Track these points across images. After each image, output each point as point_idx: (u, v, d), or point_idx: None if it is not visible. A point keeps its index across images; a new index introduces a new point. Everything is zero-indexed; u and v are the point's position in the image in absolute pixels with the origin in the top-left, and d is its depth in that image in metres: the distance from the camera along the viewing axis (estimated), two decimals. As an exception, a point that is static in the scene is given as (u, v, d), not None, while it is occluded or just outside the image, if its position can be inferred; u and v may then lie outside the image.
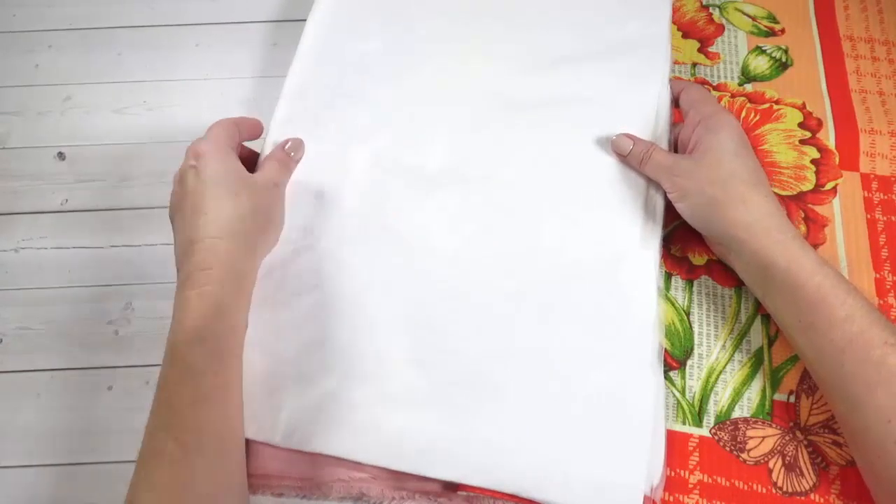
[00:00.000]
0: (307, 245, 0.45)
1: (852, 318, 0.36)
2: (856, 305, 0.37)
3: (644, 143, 0.45)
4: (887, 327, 0.36)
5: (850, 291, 0.37)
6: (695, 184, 0.41)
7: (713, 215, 0.41)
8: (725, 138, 0.42)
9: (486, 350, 0.42)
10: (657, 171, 0.44)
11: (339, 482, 0.41)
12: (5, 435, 0.45)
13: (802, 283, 0.38)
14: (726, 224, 0.40)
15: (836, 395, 0.37)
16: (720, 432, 0.41)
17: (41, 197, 0.52)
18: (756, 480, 0.40)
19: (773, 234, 0.39)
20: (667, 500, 0.39)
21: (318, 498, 0.42)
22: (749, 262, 0.40)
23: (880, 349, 0.35)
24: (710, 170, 0.41)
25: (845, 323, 0.36)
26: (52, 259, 0.50)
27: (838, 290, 0.37)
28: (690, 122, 0.44)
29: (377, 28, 0.52)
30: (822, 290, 0.37)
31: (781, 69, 0.52)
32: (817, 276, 0.37)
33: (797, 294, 0.38)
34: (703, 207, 0.41)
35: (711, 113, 0.43)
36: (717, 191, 0.40)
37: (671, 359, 0.43)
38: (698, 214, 0.42)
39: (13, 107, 0.55)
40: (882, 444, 0.35)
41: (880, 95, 0.51)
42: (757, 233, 0.39)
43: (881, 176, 0.48)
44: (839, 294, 0.37)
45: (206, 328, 0.36)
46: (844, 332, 0.36)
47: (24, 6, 0.59)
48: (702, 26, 0.55)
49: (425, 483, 0.41)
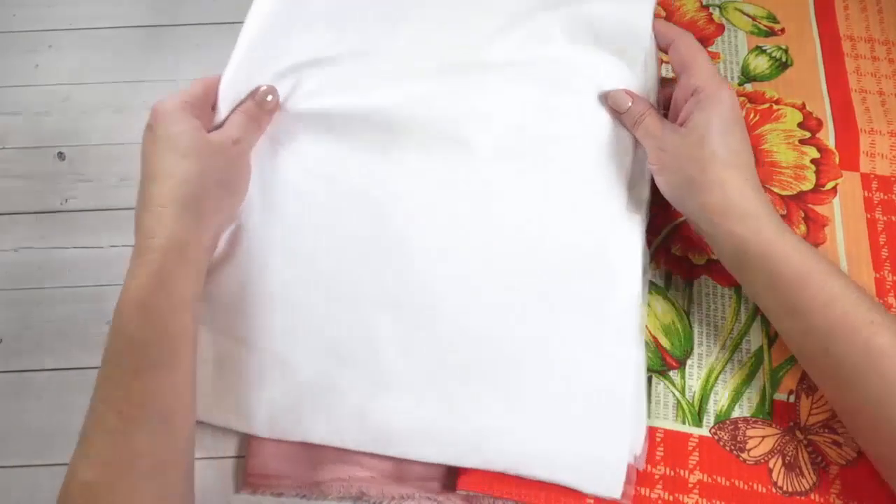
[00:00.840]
0: (275, 217, 0.43)
1: (835, 300, 0.36)
2: (837, 286, 0.36)
3: (642, 102, 0.43)
4: (872, 306, 0.36)
5: (831, 272, 0.36)
6: (675, 160, 0.40)
7: (688, 195, 0.40)
8: (715, 117, 0.39)
9: (470, 332, 0.41)
10: (645, 137, 0.42)
11: (339, 482, 0.41)
12: (6, 435, 0.45)
13: (781, 268, 0.37)
14: (700, 206, 0.39)
15: (824, 378, 0.37)
16: (720, 432, 0.41)
17: (41, 197, 0.52)
18: (756, 480, 0.40)
19: (749, 220, 0.38)
20: (667, 499, 0.39)
21: (318, 498, 0.42)
22: (724, 247, 0.39)
23: (866, 330, 0.35)
24: (692, 148, 0.39)
25: (828, 306, 0.36)
26: (52, 259, 0.50)
27: (819, 273, 0.36)
28: (683, 89, 0.41)
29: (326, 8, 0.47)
30: (802, 274, 0.36)
31: (781, 69, 0.52)
32: (795, 259, 0.37)
33: (776, 279, 0.37)
34: (679, 186, 0.40)
35: (705, 84, 0.40)
36: (694, 171, 0.39)
37: (671, 359, 0.43)
38: (674, 192, 0.41)
39: (13, 107, 0.55)
40: (875, 424, 0.35)
41: (880, 95, 0.51)
42: (731, 217, 0.38)
43: (881, 176, 0.48)
44: (820, 276, 0.36)
45: (149, 299, 0.35)
46: (827, 315, 0.36)
47: (24, 6, 0.59)
48: (702, 26, 0.55)
49: (425, 483, 0.41)
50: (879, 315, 0.35)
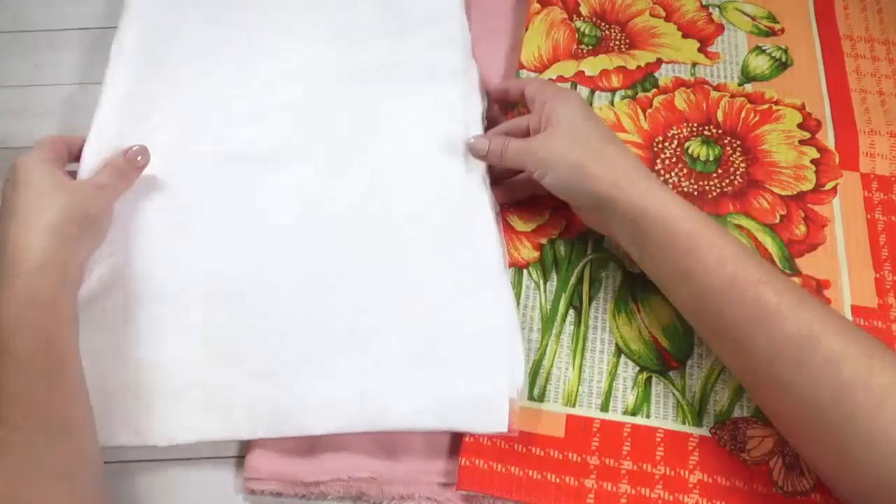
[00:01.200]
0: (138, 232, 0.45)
1: (725, 261, 0.36)
2: (727, 247, 0.37)
3: (498, 138, 0.45)
4: (760, 265, 0.37)
5: (721, 234, 0.37)
6: (555, 153, 0.41)
7: (578, 179, 0.40)
8: (573, 108, 0.42)
9: (341, 307, 0.43)
10: (518, 157, 0.43)
11: (339, 482, 0.41)
12: (5, 435, 0.45)
13: (675, 230, 0.38)
14: (592, 184, 0.39)
15: (720, 341, 0.38)
16: (720, 432, 0.41)
17: (41, 197, 0.52)
18: (756, 480, 0.40)
19: (640, 184, 0.39)
20: (667, 499, 0.39)
21: (318, 498, 0.42)
22: (622, 218, 0.39)
23: (754, 289, 0.36)
24: (566, 137, 0.41)
25: (719, 266, 0.36)
26: (52, 259, 0.50)
27: (709, 234, 0.37)
28: (538, 108, 0.44)
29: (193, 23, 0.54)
30: (694, 236, 0.37)
31: (781, 69, 0.52)
32: (688, 221, 0.37)
33: (671, 242, 0.38)
34: (568, 173, 0.40)
35: (554, 93, 0.44)
36: (576, 154, 0.40)
37: (671, 359, 0.43)
38: (565, 183, 0.41)
39: (13, 107, 0.55)
40: (767, 386, 0.36)
41: (880, 95, 0.51)
42: (624, 186, 0.39)
43: (881, 176, 0.48)
44: (710, 237, 0.37)
45: (29, 315, 0.35)
46: (720, 275, 0.36)
47: (24, 6, 0.59)
48: (702, 26, 0.55)
49: (425, 483, 0.41)
50: (766, 274, 0.36)
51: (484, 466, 0.40)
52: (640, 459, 0.40)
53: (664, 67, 0.53)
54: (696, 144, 0.49)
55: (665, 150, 0.49)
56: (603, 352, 0.44)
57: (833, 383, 0.33)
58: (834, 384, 0.33)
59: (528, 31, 0.54)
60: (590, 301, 0.45)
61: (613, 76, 0.52)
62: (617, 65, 0.53)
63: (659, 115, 0.50)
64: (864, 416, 0.33)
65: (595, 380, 0.43)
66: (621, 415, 0.42)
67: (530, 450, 0.41)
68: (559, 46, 0.54)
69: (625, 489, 0.40)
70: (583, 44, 0.54)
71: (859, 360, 0.33)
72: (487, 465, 0.41)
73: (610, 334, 0.44)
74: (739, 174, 0.48)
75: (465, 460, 0.41)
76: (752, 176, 0.48)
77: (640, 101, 0.51)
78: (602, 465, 0.40)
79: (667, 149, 0.49)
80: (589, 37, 0.54)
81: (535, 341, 0.44)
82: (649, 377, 0.43)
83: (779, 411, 0.37)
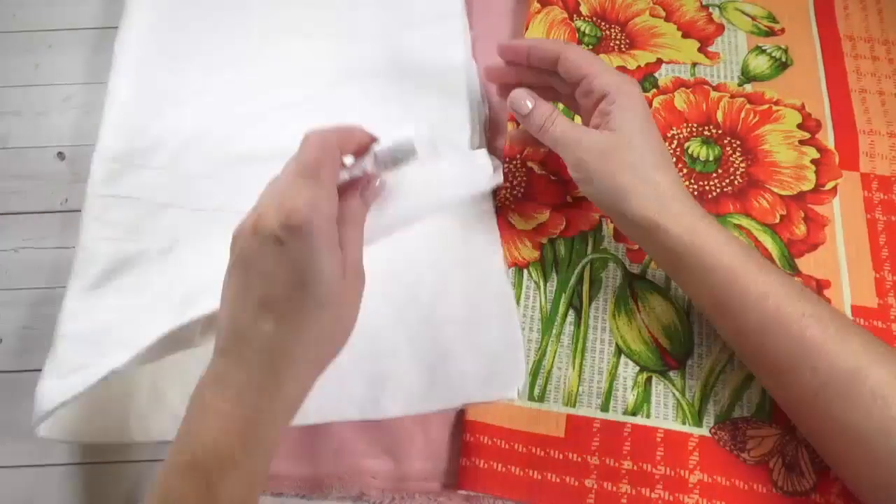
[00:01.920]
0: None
1: (767, 296, 0.36)
2: (769, 281, 0.36)
3: (546, 104, 0.40)
4: (803, 297, 0.36)
5: (762, 267, 0.37)
6: (602, 168, 0.38)
7: (621, 202, 0.38)
8: (635, 116, 0.38)
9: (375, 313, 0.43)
10: (561, 144, 0.39)
11: (339, 482, 0.41)
12: (5, 435, 0.45)
13: (713, 264, 0.37)
14: (634, 212, 0.37)
15: (762, 372, 0.38)
16: (720, 432, 0.41)
17: (41, 197, 0.52)
18: (756, 480, 0.40)
19: (682, 218, 0.37)
20: (667, 499, 0.39)
21: (318, 498, 0.42)
22: (658, 249, 0.38)
23: (798, 324, 0.35)
24: (620, 153, 0.38)
25: (760, 301, 0.36)
26: (52, 259, 0.50)
27: (750, 267, 0.36)
28: (588, 94, 0.39)
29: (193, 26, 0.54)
30: (734, 270, 0.36)
31: (781, 69, 0.52)
32: (726, 255, 0.37)
33: (709, 277, 0.37)
34: (611, 193, 0.38)
35: (616, 84, 0.39)
36: (626, 178, 0.37)
37: (671, 359, 0.43)
38: (605, 201, 0.39)
39: (13, 107, 0.55)
40: (812, 418, 0.36)
41: (880, 95, 0.51)
42: (665, 220, 0.37)
43: (881, 176, 0.48)
44: (751, 271, 0.36)
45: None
46: (760, 310, 0.36)
47: (24, 6, 0.59)
48: (702, 26, 0.55)
49: (425, 483, 0.41)
50: (811, 306, 0.35)
51: (484, 466, 0.40)
52: (640, 459, 0.41)
53: (664, 67, 0.53)
54: (696, 145, 0.49)
55: (665, 150, 0.49)
56: (603, 352, 0.44)
57: (881, 417, 0.33)
58: (882, 417, 0.33)
59: (528, 30, 0.54)
60: (590, 301, 0.45)
61: (613, 76, 0.52)
62: (617, 65, 0.52)
63: (659, 116, 0.50)
64: None
65: (595, 380, 0.43)
66: (621, 415, 0.42)
67: (530, 450, 0.41)
68: (559, 46, 0.54)
69: (625, 489, 0.40)
70: (583, 43, 0.54)
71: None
72: (488, 465, 0.41)
73: (610, 334, 0.44)
74: (739, 174, 0.48)
75: (466, 460, 0.41)
76: (752, 176, 0.48)
77: (640, 101, 0.51)
78: (602, 465, 0.40)
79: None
80: (589, 36, 0.54)
81: (535, 341, 0.44)
82: (649, 377, 0.43)
83: (825, 443, 0.37)
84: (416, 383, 0.42)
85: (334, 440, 0.42)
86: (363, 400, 0.41)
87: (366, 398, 0.41)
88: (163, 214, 0.46)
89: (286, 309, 0.31)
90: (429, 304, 0.44)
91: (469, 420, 0.42)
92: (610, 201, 0.39)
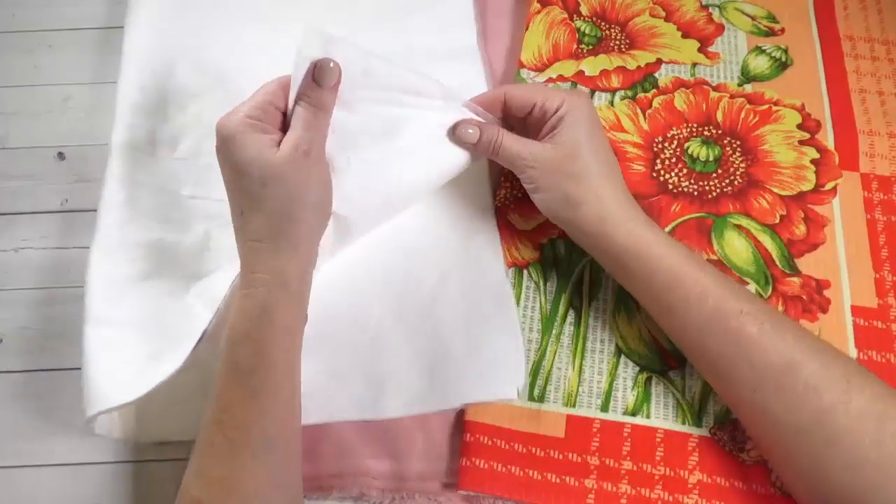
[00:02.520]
0: None
1: (706, 295, 0.37)
2: (707, 281, 0.37)
3: (490, 127, 0.42)
4: (741, 296, 0.37)
5: (701, 268, 0.38)
6: (549, 178, 0.40)
7: (567, 211, 0.40)
8: (580, 127, 0.40)
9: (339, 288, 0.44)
10: (510, 160, 0.41)
11: (339, 482, 0.41)
12: (6, 435, 0.45)
13: (655, 268, 0.38)
14: (580, 220, 0.40)
15: (705, 368, 0.39)
16: (720, 432, 0.41)
17: (41, 197, 0.52)
18: (755, 480, 0.40)
19: (625, 225, 0.39)
20: (666, 500, 0.39)
21: (318, 498, 0.42)
22: (604, 254, 0.40)
23: (735, 320, 0.36)
24: (564, 163, 0.39)
25: (700, 301, 0.37)
26: (52, 259, 0.50)
27: (689, 269, 0.38)
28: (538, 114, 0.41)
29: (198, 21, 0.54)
30: (674, 272, 0.38)
31: (781, 69, 0.52)
32: (668, 258, 0.38)
33: (652, 280, 0.38)
34: (558, 203, 0.40)
35: (562, 99, 0.40)
36: (570, 187, 0.39)
37: (671, 359, 0.43)
38: (552, 208, 0.41)
39: (13, 107, 0.55)
40: (752, 412, 0.37)
41: (880, 95, 0.51)
42: (608, 226, 0.39)
43: (881, 176, 0.48)
44: (690, 272, 0.38)
45: (251, 330, 0.36)
46: (700, 310, 0.37)
47: (24, 6, 0.59)
48: (702, 26, 0.55)
49: (425, 483, 0.41)
50: (748, 304, 0.37)
51: (484, 466, 0.41)
52: (640, 460, 0.41)
53: (664, 68, 0.53)
54: (695, 145, 0.49)
55: (665, 151, 0.49)
56: (603, 352, 0.44)
57: (814, 408, 0.34)
58: (814, 409, 0.34)
59: (528, 30, 0.54)
60: (590, 301, 0.45)
61: (613, 76, 0.52)
62: (617, 65, 0.52)
63: (659, 116, 0.50)
64: (844, 440, 0.34)
65: (595, 380, 0.43)
66: (621, 415, 0.42)
67: (530, 450, 0.41)
68: (559, 46, 0.54)
69: (625, 489, 0.40)
70: (583, 43, 0.54)
71: (839, 385, 0.34)
72: (488, 465, 0.41)
73: (610, 334, 0.44)
74: (739, 174, 0.48)
75: (466, 460, 0.41)
76: (752, 176, 0.48)
77: (639, 101, 0.51)
78: (602, 465, 0.40)
79: (667, 149, 0.49)
80: (589, 36, 0.54)
81: (535, 341, 0.44)
82: (649, 377, 0.43)
83: (762, 435, 0.38)
84: (417, 383, 0.42)
85: (334, 440, 0.42)
86: (363, 400, 0.41)
87: (366, 398, 0.42)
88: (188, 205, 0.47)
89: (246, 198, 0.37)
90: (429, 304, 0.44)
91: (469, 420, 0.42)
92: (556, 210, 0.41)
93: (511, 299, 0.44)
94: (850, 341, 0.43)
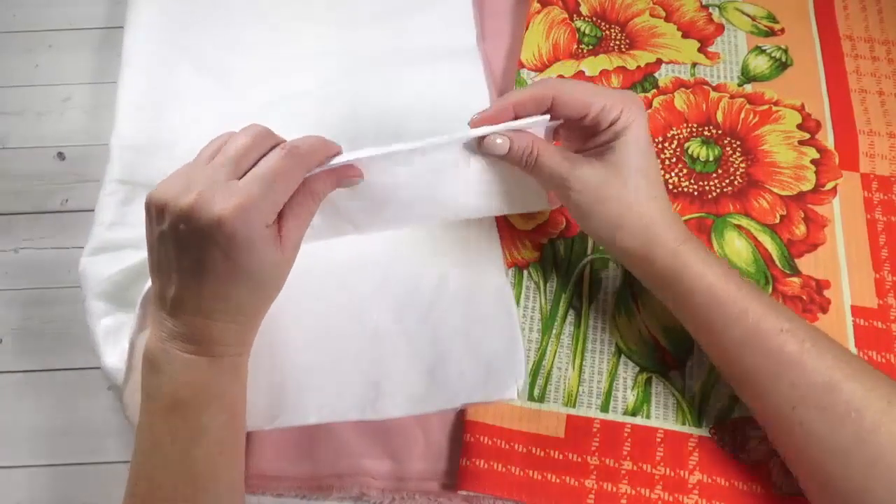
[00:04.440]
0: None
1: (746, 312, 0.37)
2: (748, 298, 0.37)
3: (523, 137, 0.38)
4: (781, 313, 0.37)
5: (740, 285, 0.37)
6: (595, 204, 0.38)
7: (612, 236, 0.39)
8: (637, 145, 0.38)
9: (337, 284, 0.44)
10: (549, 180, 0.39)
11: (339, 482, 0.41)
12: (5, 435, 0.45)
13: (694, 287, 0.38)
14: (624, 244, 0.38)
15: (742, 387, 0.39)
16: (720, 432, 0.41)
17: (41, 197, 0.52)
18: (756, 480, 0.40)
19: (669, 246, 0.38)
20: (666, 500, 0.39)
21: (318, 498, 0.42)
22: (646, 274, 0.40)
23: (776, 338, 0.36)
24: (614, 185, 0.37)
25: (740, 319, 0.37)
26: (52, 259, 0.50)
27: (729, 287, 0.37)
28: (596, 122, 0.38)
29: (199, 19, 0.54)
30: (714, 290, 0.37)
31: (781, 69, 0.52)
32: (707, 277, 0.37)
33: (692, 298, 0.38)
34: (604, 229, 0.39)
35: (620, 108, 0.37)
36: (618, 213, 0.38)
37: (671, 359, 0.43)
38: (598, 234, 0.39)
39: (13, 107, 0.55)
40: (790, 429, 0.36)
41: (880, 95, 0.51)
42: (652, 248, 0.38)
43: (881, 176, 0.48)
44: (730, 290, 0.37)
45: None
46: (740, 327, 0.37)
47: (24, 6, 0.59)
48: (702, 26, 0.55)
49: (425, 483, 0.41)
50: (788, 322, 0.36)
51: (484, 466, 0.41)
52: (640, 460, 0.41)
53: (664, 68, 0.53)
54: (695, 145, 0.49)
55: (665, 151, 0.49)
56: (603, 352, 0.44)
57: (856, 428, 0.34)
58: (856, 429, 0.34)
59: (528, 30, 0.54)
60: (590, 301, 0.45)
61: (613, 76, 0.52)
62: (617, 65, 0.53)
63: (659, 116, 0.50)
64: (886, 460, 0.33)
65: (595, 380, 0.43)
66: (621, 415, 0.42)
67: (530, 450, 0.41)
68: (559, 46, 0.54)
69: (625, 489, 0.40)
70: (583, 43, 0.54)
71: (881, 406, 0.34)
72: (488, 465, 0.41)
73: (610, 334, 0.44)
74: (739, 174, 0.48)
75: (466, 460, 0.41)
76: (752, 176, 0.48)
77: (640, 101, 0.51)
78: (602, 465, 0.41)
79: (667, 149, 0.49)
80: (589, 36, 0.54)
81: (535, 341, 0.44)
82: (649, 377, 0.43)
83: (798, 456, 0.37)
84: (416, 384, 0.42)
85: (334, 440, 0.42)
86: (363, 400, 0.41)
87: (366, 398, 0.41)
88: None
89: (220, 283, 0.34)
90: (428, 304, 0.44)
91: (469, 420, 0.42)
92: (602, 234, 0.39)
93: (511, 299, 0.44)
94: (850, 341, 0.43)
